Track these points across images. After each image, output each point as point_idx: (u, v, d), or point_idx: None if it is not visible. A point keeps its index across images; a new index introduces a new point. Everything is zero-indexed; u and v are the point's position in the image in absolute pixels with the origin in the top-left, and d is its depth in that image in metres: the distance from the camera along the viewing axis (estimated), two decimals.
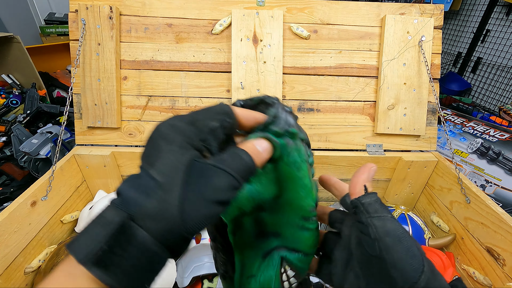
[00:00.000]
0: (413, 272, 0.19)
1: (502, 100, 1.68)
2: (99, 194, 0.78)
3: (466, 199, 0.65)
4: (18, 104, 1.28)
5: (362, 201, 0.24)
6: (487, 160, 0.95)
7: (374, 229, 0.22)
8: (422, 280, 0.19)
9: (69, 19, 0.74)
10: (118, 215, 0.16)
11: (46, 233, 0.64)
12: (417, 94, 0.77)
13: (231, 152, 0.20)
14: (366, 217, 0.23)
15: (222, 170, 0.18)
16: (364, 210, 0.23)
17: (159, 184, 0.17)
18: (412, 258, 0.20)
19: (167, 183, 0.17)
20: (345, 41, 0.79)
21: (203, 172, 0.18)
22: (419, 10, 0.78)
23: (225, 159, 0.19)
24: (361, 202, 0.24)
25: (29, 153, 0.89)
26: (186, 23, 0.77)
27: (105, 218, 0.16)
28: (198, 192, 0.17)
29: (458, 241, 0.68)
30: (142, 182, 0.17)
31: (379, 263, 0.21)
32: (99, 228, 0.16)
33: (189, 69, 0.78)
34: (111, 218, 0.16)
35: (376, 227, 0.22)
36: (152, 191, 0.17)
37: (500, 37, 1.70)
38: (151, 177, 0.17)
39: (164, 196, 0.17)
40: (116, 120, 0.76)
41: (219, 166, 0.18)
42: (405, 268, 0.20)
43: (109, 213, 0.16)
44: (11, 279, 0.55)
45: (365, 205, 0.23)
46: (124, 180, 0.18)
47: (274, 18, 0.75)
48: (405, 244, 0.21)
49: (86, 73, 0.73)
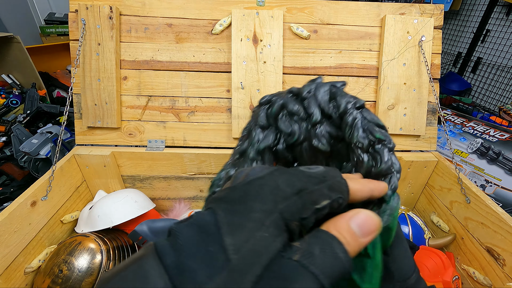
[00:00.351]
0: (408, 269, 0.22)
1: (502, 100, 1.68)
2: (99, 194, 0.78)
3: (466, 199, 0.65)
4: (18, 104, 1.28)
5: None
6: (487, 160, 0.95)
7: None
8: (413, 277, 0.22)
9: (69, 19, 0.74)
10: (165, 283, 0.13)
11: (46, 233, 0.64)
12: (417, 94, 0.77)
13: (322, 242, 0.15)
14: None
15: (311, 273, 0.14)
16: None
17: (230, 265, 0.13)
18: (408, 258, 0.23)
19: (240, 270, 0.13)
20: (345, 41, 0.79)
21: (285, 272, 0.13)
22: (419, 10, 0.78)
23: (315, 253, 0.14)
24: None
25: (29, 153, 0.89)
26: (186, 23, 0.77)
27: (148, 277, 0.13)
28: None
29: (458, 241, 0.68)
30: (210, 251, 0.13)
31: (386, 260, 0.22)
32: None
33: (189, 69, 0.78)
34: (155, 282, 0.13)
35: None
36: (217, 272, 0.13)
37: (500, 37, 1.70)
38: (224, 250, 0.13)
39: (229, 284, 0.12)
40: (116, 120, 0.76)
41: (308, 267, 0.14)
42: (402, 265, 0.22)
43: (155, 280, 0.13)
44: (11, 279, 0.55)
45: None
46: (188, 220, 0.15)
47: (274, 18, 0.75)
48: (404, 244, 0.23)
49: (86, 73, 0.73)
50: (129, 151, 0.76)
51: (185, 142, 0.80)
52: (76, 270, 0.56)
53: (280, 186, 0.16)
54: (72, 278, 0.55)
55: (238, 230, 0.14)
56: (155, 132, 0.79)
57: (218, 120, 0.79)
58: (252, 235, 0.14)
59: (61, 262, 0.57)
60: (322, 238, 0.15)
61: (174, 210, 0.82)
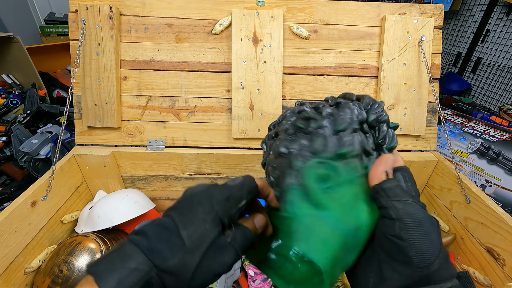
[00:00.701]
0: (429, 254, 0.21)
1: (502, 100, 1.68)
2: (99, 194, 0.78)
3: (466, 199, 0.65)
4: (18, 104, 1.28)
5: (383, 186, 0.25)
6: (487, 160, 0.95)
7: (395, 210, 0.23)
8: (435, 264, 0.21)
9: (69, 19, 0.74)
10: (146, 264, 0.19)
11: (46, 233, 0.64)
12: (417, 94, 0.77)
13: (242, 231, 0.24)
14: (387, 200, 0.24)
15: (234, 249, 0.23)
16: (384, 194, 0.24)
17: (185, 247, 0.20)
18: (430, 242, 0.21)
19: (192, 249, 0.21)
20: (345, 41, 0.79)
21: (220, 249, 0.22)
22: (419, 10, 0.78)
23: (237, 238, 0.23)
24: (382, 187, 0.25)
25: (29, 153, 0.89)
26: (186, 23, 0.77)
27: (131, 261, 0.19)
28: (210, 265, 0.21)
29: (458, 241, 0.68)
30: (171, 238, 0.21)
31: (397, 244, 0.22)
32: (127, 271, 0.19)
33: (189, 69, 0.78)
34: (138, 264, 0.19)
35: (397, 209, 0.23)
36: (177, 251, 0.20)
37: (500, 37, 1.70)
38: (180, 237, 0.21)
39: (185, 259, 0.20)
40: (116, 120, 0.76)
41: (234, 245, 0.23)
42: (422, 249, 0.21)
43: (136, 257, 0.19)
44: (11, 279, 0.55)
45: (386, 190, 0.24)
46: (152, 223, 0.22)
47: (274, 18, 0.75)
48: (424, 228, 0.22)
49: (86, 73, 0.73)
50: (129, 151, 0.76)
51: (185, 142, 0.80)
52: (76, 270, 0.56)
53: (215, 195, 0.23)
54: (72, 278, 0.55)
55: (189, 225, 0.21)
56: (155, 132, 0.79)
57: (218, 120, 0.79)
58: (199, 227, 0.21)
59: (61, 262, 0.57)
60: (241, 228, 0.24)
61: None
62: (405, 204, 0.23)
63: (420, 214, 0.22)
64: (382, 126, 0.29)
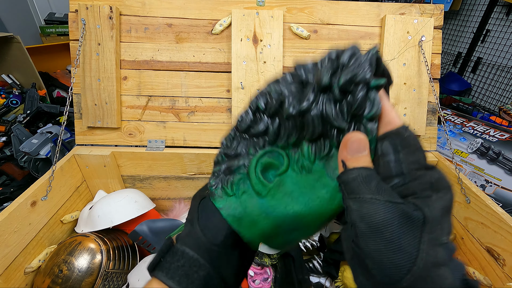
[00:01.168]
0: (395, 268, 0.15)
1: (502, 100, 1.68)
2: (99, 194, 0.78)
3: (466, 199, 0.65)
4: (18, 104, 1.28)
5: (340, 179, 0.19)
6: (487, 160, 0.95)
7: (349, 212, 0.18)
8: (406, 280, 0.15)
9: (69, 19, 0.74)
10: (168, 239, 0.26)
11: (46, 233, 0.64)
12: (417, 94, 0.77)
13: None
14: (345, 198, 0.19)
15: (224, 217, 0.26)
16: (343, 190, 0.19)
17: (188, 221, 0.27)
18: (395, 252, 0.15)
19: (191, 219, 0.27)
20: (345, 41, 0.79)
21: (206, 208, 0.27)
22: (419, 10, 0.78)
23: None
24: (340, 180, 0.19)
25: (29, 153, 0.89)
26: (186, 23, 0.77)
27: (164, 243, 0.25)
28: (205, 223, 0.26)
29: (458, 241, 0.68)
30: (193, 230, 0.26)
31: (356, 252, 0.17)
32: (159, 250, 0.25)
33: (189, 69, 0.78)
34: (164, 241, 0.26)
35: (351, 210, 0.18)
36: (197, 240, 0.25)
37: (500, 37, 1.70)
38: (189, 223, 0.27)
39: (190, 228, 0.26)
40: (116, 120, 0.76)
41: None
42: (384, 263, 0.16)
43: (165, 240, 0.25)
44: (11, 279, 0.55)
45: (343, 184, 0.19)
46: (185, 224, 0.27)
47: (274, 18, 0.75)
48: (386, 234, 0.16)
49: (86, 73, 0.73)
50: (129, 151, 0.76)
51: (185, 142, 0.80)
52: (76, 270, 0.56)
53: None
54: (72, 278, 0.55)
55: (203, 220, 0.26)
56: (155, 132, 0.79)
57: (218, 120, 0.79)
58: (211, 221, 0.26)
59: (61, 262, 0.57)
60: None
61: (174, 210, 0.82)
62: (360, 203, 0.17)
63: (380, 216, 0.16)
64: (357, 89, 0.20)
